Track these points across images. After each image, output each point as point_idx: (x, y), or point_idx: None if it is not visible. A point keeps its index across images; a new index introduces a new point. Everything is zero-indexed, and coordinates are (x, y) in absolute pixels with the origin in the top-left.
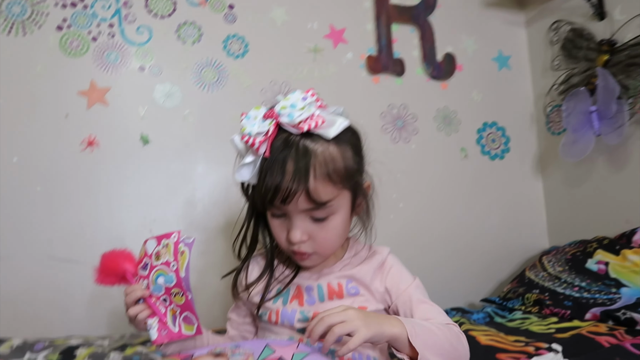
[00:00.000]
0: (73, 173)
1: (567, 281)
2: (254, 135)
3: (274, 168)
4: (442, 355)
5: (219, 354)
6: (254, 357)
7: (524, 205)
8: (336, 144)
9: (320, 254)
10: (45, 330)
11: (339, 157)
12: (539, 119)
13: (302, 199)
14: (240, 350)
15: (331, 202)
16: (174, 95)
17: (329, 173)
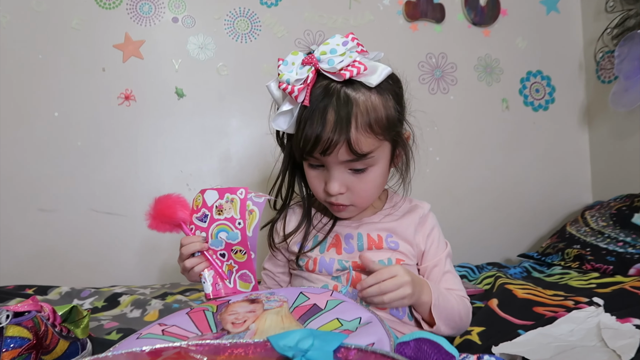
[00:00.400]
0: (111, 127)
1: (611, 236)
2: (292, 82)
3: (314, 117)
4: (450, 325)
5: (254, 300)
6: (289, 304)
7: (567, 159)
8: (378, 92)
9: (357, 206)
10: (90, 280)
11: (381, 107)
12: (588, 67)
13: (343, 150)
14: (275, 297)
15: (372, 154)
16: (207, 47)
17: (371, 123)
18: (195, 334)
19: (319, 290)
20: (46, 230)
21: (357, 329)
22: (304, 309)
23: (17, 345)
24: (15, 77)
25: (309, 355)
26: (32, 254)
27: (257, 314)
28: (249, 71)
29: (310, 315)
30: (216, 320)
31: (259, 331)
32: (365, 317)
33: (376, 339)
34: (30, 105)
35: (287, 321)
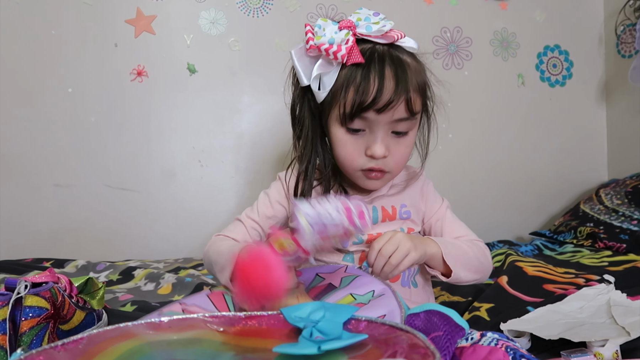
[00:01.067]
0: (124, 103)
1: (626, 214)
2: (335, 43)
3: (370, 76)
4: (470, 269)
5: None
6: (305, 285)
7: (583, 136)
8: (414, 59)
9: (393, 172)
10: (105, 254)
11: (421, 71)
12: (608, 41)
13: (401, 108)
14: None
15: (418, 115)
16: (218, 22)
17: (419, 84)
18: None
19: (334, 268)
20: (62, 205)
21: (370, 301)
22: (319, 289)
23: (36, 315)
24: (29, 53)
25: (319, 326)
26: (48, 229)
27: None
28: (261, 46)
29: (325, 294)
30: (235, 302)
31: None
32: (379, 289)
33: (387, 310)
34: (44, 81)
35: (302, 299)
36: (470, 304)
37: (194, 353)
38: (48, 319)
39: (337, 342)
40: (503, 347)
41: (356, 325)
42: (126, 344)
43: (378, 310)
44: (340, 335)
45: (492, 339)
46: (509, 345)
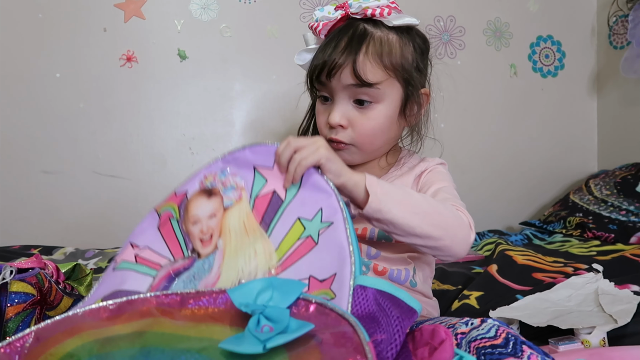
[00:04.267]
0: (113, 89)
1: (614, 205)
2: (320, 19)
3: (328, 44)
4: (415, 213)
5: (211, 191)
6: (247, 191)
7: (574, 127)
8: (398, 34)
9: (359, 147)
10: (95, 241)
11: (397, 45)
12: (600, 32)
13: (347, 72)
14: (230, 182)
15: (377, 86)
16: (210, 7)
17: (381, 54)
18: (168, 259)
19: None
20: (50, 192)
21: (320, 236)
22: (265, 203)
23: (22, 301)
24: (15, 37)
25: (267, 313)
26: (36, 216)
27: (219, 219)
28: (253, 33)
29: (272, 215)
30: (183, 233)
31: (227, 250)
32: (326, 205)
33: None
34: (31, 66)
35: (250, 229)
36: (460, 292)
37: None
38: (34, 304)
39: (283, 337)
40: (504, 332)
41: (306, 306)
42: (68, 343)
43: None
44: (288, 324)
45: (492, 324)
46: (509, 332)
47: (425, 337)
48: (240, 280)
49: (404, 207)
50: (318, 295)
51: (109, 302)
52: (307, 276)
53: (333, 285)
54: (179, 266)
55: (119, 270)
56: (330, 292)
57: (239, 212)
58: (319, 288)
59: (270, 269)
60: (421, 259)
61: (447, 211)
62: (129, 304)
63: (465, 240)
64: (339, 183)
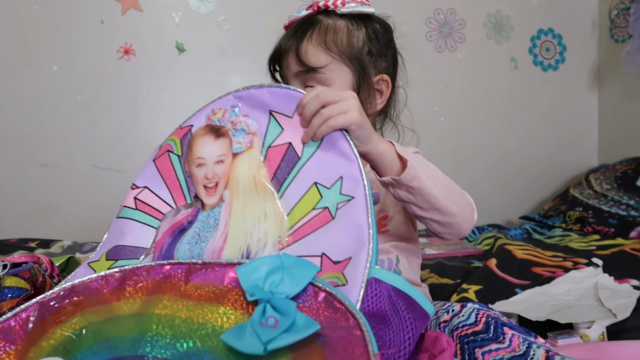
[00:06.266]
0: (111, 82)
1: (615, 199)
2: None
3: (282, 36)
4: (438, 186)
5: (218, 131)
6: (259, 137)
7: (574, 121)
8: (348, 21)
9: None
10: (93, 234)
11: (345, 31)
12: (601, 25)
13: (293, 58)
14: (242, 124)
15: (322, 70)
16: (208, 0)
17: (326, 40)
18: (169, 206)
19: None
20: (48, 185)
21: (337, 211)
22: (279, 155)
23: (15, 295)
24: (12, 29)
25: (273, 302)
26: (34, 209)
27: (226, 166)
28: (251, 25)
29: (287, 171)
30: (185, 174)
31: (233, 204)
32: (346, 173)
33: (355, 247)
34: (28, 59)
35: (260, 186)
36: (458, 286)
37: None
38: (28, 299)
39: (286, 338)
40: (484, 316)
41: (315, 295)
42: (72, 323)
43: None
44: (294, 319)
45: (472, 309)
46: (489, 314)
47: (427, 343)
48: (248, 247)
49: (430, 178)
50: (329, 278)
51: (115, 270)
52: (319, 253)
53: (346, 270)
54: (182, 218)
55: (120, 219)
56: (342, 277)
57: (249, 162)
58: (331, 270)
59: (281, 238)
60: (405, 248)
61: (459, 189)
62: (133, 272)
63: (472, 219)
64: (363, 150)
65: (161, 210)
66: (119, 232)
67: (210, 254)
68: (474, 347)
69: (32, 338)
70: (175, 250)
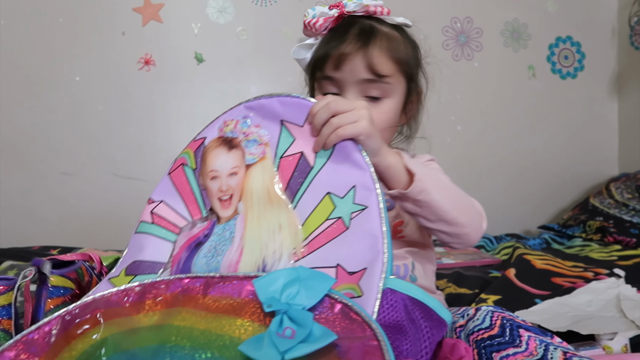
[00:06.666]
0: (131, 92)
1: (636, 209)
2: (317, 16)
3: (333, 37)
4: (447, 197)
5: (231, 142)
6: (271, 148)
7: (594, 129)
8: (400, 33)
9: None
10: (113, 242)
11: (401, 41)
12: (621, 32)
13: (360, 65)
14: (254, 135)
15: (388, 79)
16: (226, 11)
17: (391, 48)
18: (185, 219)
19: (301, 114)
20: (68, 193)
21: (352, 220)
22: (291, 165)
23: (60, 294)
24: (37, 41)
25: (290, 313)
26: (55, 217)
27: (240, 177)
28: (269, 36)
29: (300, 181)
30: (200, 187)
31: (248, 216)
32: (359, 182)
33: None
34: (51, 70)
35: (274, 197)
36: (477, 296)
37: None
38: (74, 298)
39: (304, 347)
40: (499, 319)
41: (331, 306)
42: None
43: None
44: (311, 329)
45: (486, 311)
46: (504, 316)
47: (445, 351)
48: (264, 259)
49: (439, 190)
50: (345, 289)
51: (135, 284)
52: (334, 264)
53: (362, 281)
54: (198, 232)
55: (138, 234)
56: (357, 288)
57: (262, 173)
58: (346, 281)
59: (296, 250)
60: (420, 254)
61: (468, 199)
62: (152, 286)
63: (481, 229)
64: (371, 162)
65: (178, 224)
66: (138, 247)
67: (227, 268)
68: (491, 351)
69: (54, 350)
70: (193, 264)
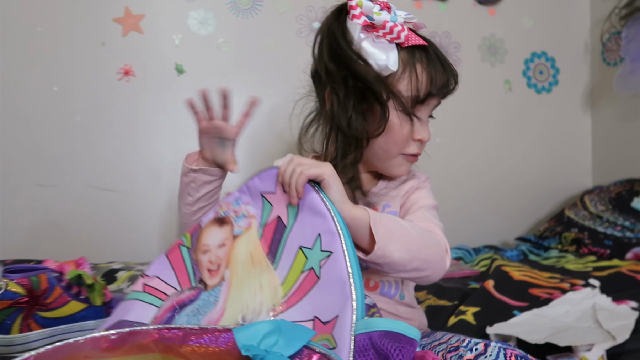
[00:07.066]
0: (111, 103)
1: (610, 220)
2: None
3: (435, 60)
4: (410, 250)
5: (223, 220)
6: (257, 219)
7: (569, 142)
8: None
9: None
10: (88, 255)
11: None
12: (594, 48)
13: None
14: (242, 211)
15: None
16: (208, 22)
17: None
18: (174, 289)
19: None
20: (45, 205)
21: (321, 268)
22: (271, 230)
23: (8, 298)
24: (14, 51)
25: (267, 358)
26: (31, 229)
27: (227, 248)
28: (251, 48)
29: (278, 243)
30: (193, 262)
31: (233, 281)
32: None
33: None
34: (29, 79)
35: (257, 261)
36: (456, 308)
37: None
38: (22, 304)
39: None
40: (513, 357)
41: (309, 356)
42: None
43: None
44: None
45: (498, 349)
46: (517, 354)
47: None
48: (243, 317)
49: (401, 245)
50: (321, 340)
51: (112, 331)
52: (312, 317)
53: (335, 330)
54: (184, 297)
55: (127, 301)
56: (331, 339)
57: (247, 241)
58: (322, 332)
59: (275, 306)
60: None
61: (431, 240)
62: (130, 335)
63: (443, 269)
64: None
65: (167, 292)
66: (124, 310)
67: (208, 324)
68: None
69: None
70: (174, 322)
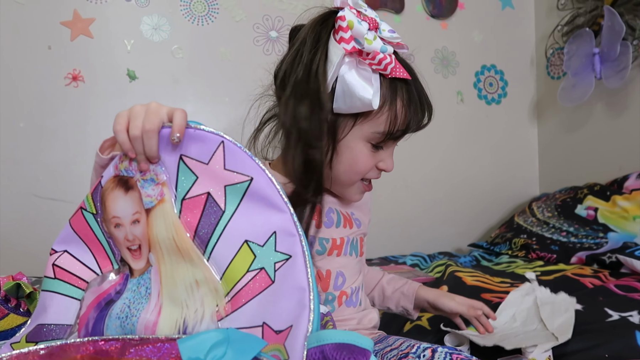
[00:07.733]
0: (57, 109)
1: (556, 226)
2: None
3: (416, 95)
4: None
5: (127, 184)
6: (170, 187)
7: (517, 152)
8: None
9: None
10: (31, 268)
11: None
12: (539, 63)
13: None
14: (150, 172)
15: None
16: (161, 28)
17: None
18: (93, 272)
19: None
20: None
21: (276, 272)
22: (197, 209)
23: None
24: None
25: None
26: None
27: (143, 226)
28: (205, 55)
29: (210, 229)
30: (105, 234)
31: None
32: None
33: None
34: None
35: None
36: None
37: None
38: None
39: None
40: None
41: None
42: None
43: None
44: None
45: (445, 353)
46: (463, 358)
47: None
48: (185, 320)
49: None
50: (272, 350)
51: (40, 346)
52: (260, 323)
53: (287, 341)
54: (109, 287)
55: (43, 292)
56: (283, 350)
57: (164, 220)
58: (273, 341)
59: (219, 308)
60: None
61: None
62: (62, 349)
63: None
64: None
65: (84, 277)
66: (42, 308)
67: (144, 329)
68: None
69: None
70: (105, 327)
